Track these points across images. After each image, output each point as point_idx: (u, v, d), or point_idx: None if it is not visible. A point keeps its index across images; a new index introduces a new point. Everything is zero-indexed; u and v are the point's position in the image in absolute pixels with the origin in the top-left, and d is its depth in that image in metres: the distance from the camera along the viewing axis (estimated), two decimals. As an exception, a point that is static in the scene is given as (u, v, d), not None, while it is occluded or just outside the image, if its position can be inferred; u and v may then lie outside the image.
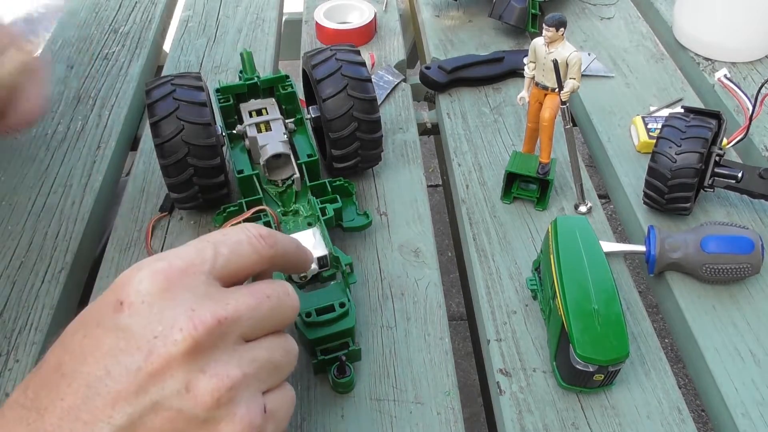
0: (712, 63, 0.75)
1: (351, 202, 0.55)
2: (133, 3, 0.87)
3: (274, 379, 0.33)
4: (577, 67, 0.50)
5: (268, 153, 0.53)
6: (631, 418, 0.43)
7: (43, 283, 0.52)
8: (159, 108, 0.50)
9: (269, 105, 0.57)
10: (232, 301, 0.31)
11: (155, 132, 0.49)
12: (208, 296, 0.31)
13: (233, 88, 0.57)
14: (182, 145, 0.49)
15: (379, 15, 0.83)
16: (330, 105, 0.53)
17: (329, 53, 0.55)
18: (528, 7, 0.76)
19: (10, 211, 0.58)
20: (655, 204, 0.55)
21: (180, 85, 0.51)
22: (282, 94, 0.58)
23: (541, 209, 0.57)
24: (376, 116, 0.55)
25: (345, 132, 0.54)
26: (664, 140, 0.52)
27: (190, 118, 0.49)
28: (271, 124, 0.56)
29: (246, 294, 0.32)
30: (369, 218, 0.53)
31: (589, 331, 0.41)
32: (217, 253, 0.33)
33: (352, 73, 0.54)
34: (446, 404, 0.44)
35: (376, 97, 0.54)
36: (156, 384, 0.29)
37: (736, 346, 0.47)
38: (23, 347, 0.48)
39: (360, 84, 0.54)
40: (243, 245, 0.33)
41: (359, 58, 0.55)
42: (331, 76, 0.53)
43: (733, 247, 0.49)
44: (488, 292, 0.51)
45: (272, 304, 0.33)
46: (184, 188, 0.52)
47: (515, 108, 0.68)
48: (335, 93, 0.53)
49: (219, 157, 0.51)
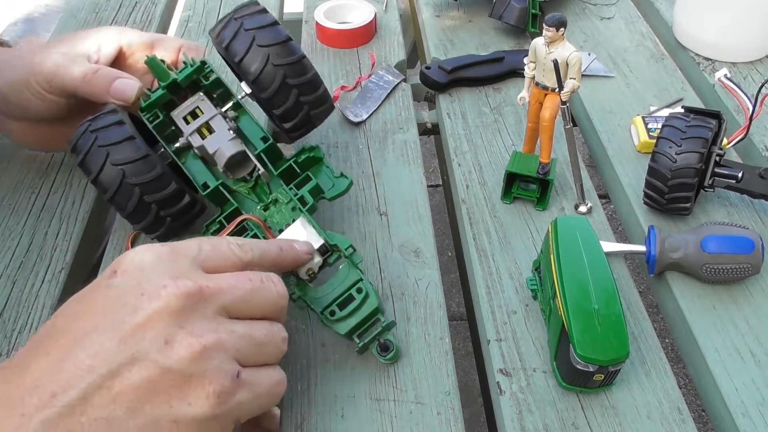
0: (712, 63, 0.74)
1: (322, 168, 0.52)
2: (133, 3, 0.88)
3: (255, 356, 0.36)
4: (577, 67, 0.49)
5: (223, 158, 0.49)
6: (631, 418, 0.43)
7: (43, 283, 0.52)
8: (80, 146, 0.47)
9: (200, 102, 0.51)
10: (214, 278, 0.35)
11: (86, 171, 0.47)
12: (193, 272, 0.35)
13: (156, 102, 0.51)
14: (116, 170, 0.46)
15: (379, 15, 0.83)
16: (261, 83, 0.49)
17: (236, 25, 0.49)
18: (528, 7, 0.76)
19: (10, 211, 0.58)
20: (656, 204, 0.55)
21: (93, 119, 0.48)
22: (207, 85, 0.52)
23: (541, 209, 0.57)
24: (311, 74, 0.50)
25: (288, 103, 0.50)
26: (665, 140, 0.52)
27: (112, 140, 0.47)
28: (211, 124, 0.50)
29: (227, 276, 0.36)
30: (348, 179, 0.51)
31: (589, 331, 0.41)
32: (201, 248, 0.37)
33: (268, 40, 0.48)
34: (446, 404, 0.44)
35: (303, 54, 0.50)
36: (137, 336, 0.32)
37: (737, 346, 0.47)
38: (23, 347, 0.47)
39: (282, 48, 0.48)
40: (223, 246, 0.38)
41: (270, 18, 0.50)
42: (249, 52, 0.48)
43: (734, 247, 0.49)
44: (488, 292, 0.51)
45: (254, 286, 0.36)
46: (142, 214, 0.49)
47: (515, 108, 0.68)
48: (261, 69, 0.48)
49: (158, 166, 0.48)
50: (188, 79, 0.51)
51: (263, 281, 0.37)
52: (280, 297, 0.38)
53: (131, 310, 0.32)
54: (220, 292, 0.35)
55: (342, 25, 0.78)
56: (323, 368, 0.46)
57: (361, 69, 0.75)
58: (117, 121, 0.48)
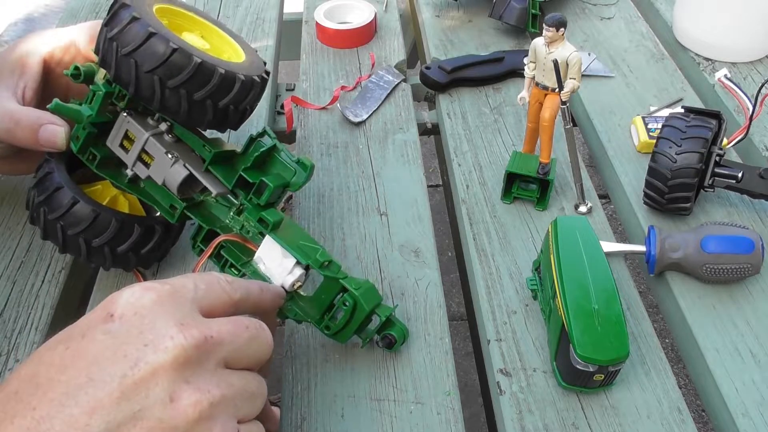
0: (712, 63, 0.75)
1: (279, 156, 0.45)
2: (133, 3, 0.87)
3: (247, 410, 0.34)
4: (577, 67, 0.50)
5: (173, 187, 0.45)
6: (631, 418, 0.43)
7: (43, 283, 0.52)
8: (37, 222, 0.46)
9: (127, 125, 0.46)
10: (215, 325, 0.33)
11: (55, 243, 0.47)
12: (195, 317, 0.33)
13: (85, 143, 0.47)
14: (76, 238, 0.45)
15: (379, 15, 0.83)
16: (143, 95, 0.42)
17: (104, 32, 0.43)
18: (528, 7, 0.76)
19: (10, 211, 0.58)
20: (656, 204, 0.55)
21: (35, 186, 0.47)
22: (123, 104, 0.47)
23: (542, 209, 0.57)
24: (192, 63, 0.41)
25: (208, 116, 0.44)
26: (665, 140, 0.52)
27: (58, 212, 0.45)
28: (147, 150, 0.46)
29: (226, 322, 0.34)
30: (308, 163, 0.44)
31: (589, 331, 0.41)
32: (196, 286, 0.34)
33: (131, 44, 0.41)
34: (446, 404, 0.44)
35: (174, 46, 0.41)
36: (140, 392, 0.29)
37: (737, 346, 0.47)
38: (23, 347, 0.48)
39: (148, 52, 0.41)
40: (215, 285, 0.36)
41: (128, 13, 0.42)
42: (122, 69, 0.42)
43: (734, 247, 0.49)
44: (488, 292, 0.51)
45: (251, 334, 0.34)
46: (124, 263, 0.48)
47: (515, 108, 0.68)
48: (135, 79, 0.42)
49: (113, 220, 0.46)
50: (103, 108, 0.46)
51: (257, 329, 0.35)
52: (269, 346, 0.36)
53: (132, 363, 0.29)
54: (222, 343, 0.32)
55: (342, 25, 0.78)
56: (323, 368, 0.46)
57: (361, 69, 0.75)
58: (47, 173, 0.46)
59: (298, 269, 0.43)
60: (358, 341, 0.46)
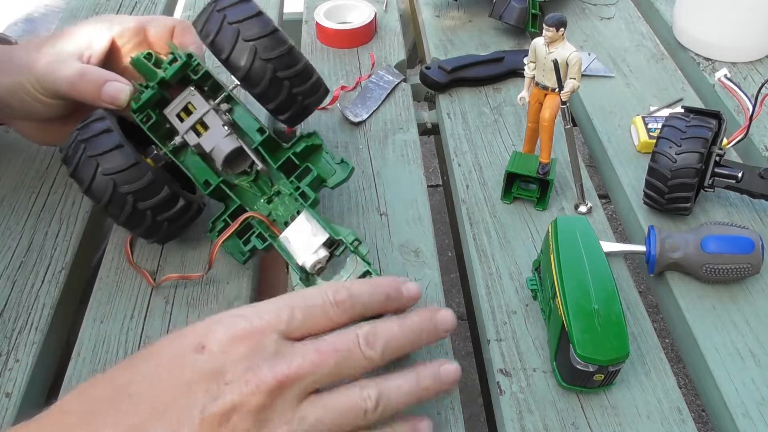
0: (712, 63, 0.75)
1: (322, 155, 0.50)
2: (133, 3, 0.87)
3: None
4: (577, 67, 0.50)
5: (221, 156, 0.48)
6: (631, 418, 0.43)
7: (43, 283, 0.52)
8: (70, 157, 0.47)
9: (191, 97, 0.50)
10: (298, 359, 0.34)
11: (78, 181, 0.46)
12: (278, 354, 0.34)
13: (146, 102, 0.49)
14: (107, 180, 0.46)
15: (379, 15, 0.83)
16: (250, 80, 0.47)
17: (218, 17, 0.47)
18: (528, 7, 0.76)
19: (10, 211, 0.58)
20: (655, 204, 0.55)
21: (81, 128, 0.47)
22: (196, 79, 0.50)
23: (541, 209, 0.57)
24: (301, 64, 0.49)
25: (281, 96, 0.49)
26: (664, 140, 0.52)
27: (101, 149, 0.46)
28: (205, 120, 0.49)
29: (312, 351, 0.35)
30: (350, 165, 0.50)
31: (589, 331, 0.41)
32: (292, 317, 0.36)
33: (254, 32, 0.46)
34: (446, 404, 0.44)
35: (291, 44, 0.48)
36: (220, 426, 0.32)
37: (736, 346, 0.47)
38: (23, 347, 0.48)
39: (269, 40, 0.47)
40: (317, 310, 0.36)
41: (253, 7, 0.48)
42: (235, 48, 0.46)
43: (733, 247, 0.49)
44: (488, 292, 0.51)
45: (338, 358, 0.35)
46: (137, 220, 0.48)
47: (515, 108, 0.68)
48: (249, 65, 0.47)
49: (149, 172, 0.47)
50: (177, 76, 0.50)
51: (351, 349, 0.36)
52: (367, 362, 0.36)
53: (213, 398, 0.32)
54: (301, 378, 0.34)
55: (342, 25, 0.78)
56: (323, 368, 0.46)
57: (361, 69, 0.75)
58: (105, 129, 0.47)
59: (323, 251, 0.46)
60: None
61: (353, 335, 0.36)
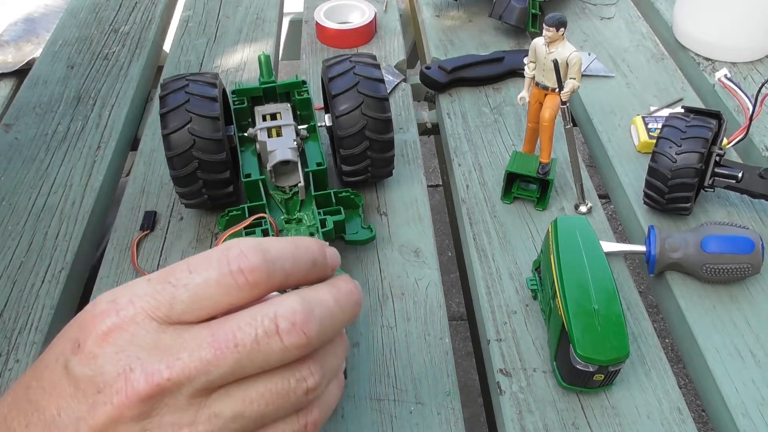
0: (712, 63, 0.75)
1: (356, 214, 0.54)
2: (133, 3, 0.88)
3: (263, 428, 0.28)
4: (577, 67, 0.50)
5: (275, 159, 0.52)
6: (631, 418, 0.43)
7: (43, 283, 0.52)
8: (170, 100, 0.50)
9: (283, 110, 0.56)
10: (183, 355, 0.26)
11: (164, 123, 0.50)
12: (156, 349, 0.27)
13: (249, 91, 0.56)
14: (188, 138, 0.49)
15: (379, 15, 0.83)
16: (343, 122, 0.52)
17: (348, 65, 0.53)
18: (528, 7, 0.76)
19: (10, 211, 0.58)
20: (656, 204, 0.55)
21: (194, 81, 0.51)
22: (297, 100, 0.57)
23: (541, 209, 0.57)
24: (389, 136, 0.53)
25: (356, 150, 0.53)
26: (665, 140, 0.52)
27: (199, 111, 0.50)
28: (282, 129, 0.54)
29: (206, 345, 0.26)
30: (372, 232, 0.53)
31: (589, 331, 0.41)
32: (174, 299, 0.27)
33: (368, 91, 0.52)
34: (446, 404, 0.44)
35: (390, 117, 0.53)
36: None
37: (737, 346, 0.47)
38: (23, 347, 0.48)
39: (376, 103, 0.52)
40: (210, 287, 0.27)
41: (378, 74, 0.53)
42: (347, 92, 0.52)
43: (734, 247, 0.49)
44: (488, 292, 0.51)
45: (240, 355, 0.26)
46: (188, 182, 0.51)
47: (515, 108, 0.68)
48: (349, 110, 0.52)
49: (225, 153, 0.51)
50: (284, 89, 0.57)
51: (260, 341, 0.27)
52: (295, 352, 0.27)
53: (89, 408, 0.27)
54: (189, 379, 0.26)
55: (342, 25, 0.78)
56: (323, 368, 0.46)
57: (361, 69, 0.75)
58: (212, 96, 0.51)
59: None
60: (358, 341, 0.46)
61: (267, 318, 0.27)
